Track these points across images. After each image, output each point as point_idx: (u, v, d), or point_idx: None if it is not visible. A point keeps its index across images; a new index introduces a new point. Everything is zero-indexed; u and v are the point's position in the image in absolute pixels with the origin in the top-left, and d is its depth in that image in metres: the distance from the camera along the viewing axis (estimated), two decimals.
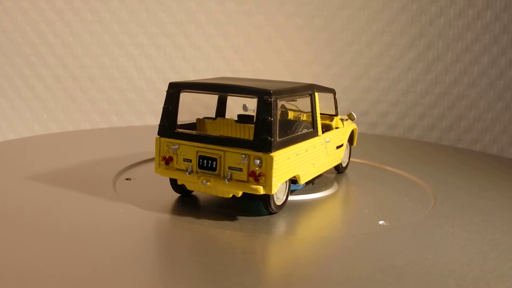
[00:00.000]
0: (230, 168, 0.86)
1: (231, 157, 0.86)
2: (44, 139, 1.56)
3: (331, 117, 1.16)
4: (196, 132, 0.92)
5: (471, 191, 1.12)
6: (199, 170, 0.89)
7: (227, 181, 0.85)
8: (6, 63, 1.92)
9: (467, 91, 1.89)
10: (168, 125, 0.92)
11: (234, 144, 0.85)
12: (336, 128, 1.13)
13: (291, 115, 1.14)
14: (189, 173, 0.89)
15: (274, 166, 0.83)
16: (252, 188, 0.84)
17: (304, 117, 1.15)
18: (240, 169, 0.85)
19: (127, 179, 1.11)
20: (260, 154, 0.83)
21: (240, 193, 0.86)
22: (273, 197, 0.88)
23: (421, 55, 1.90)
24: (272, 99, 0.83)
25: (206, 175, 0.88)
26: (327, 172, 1.16)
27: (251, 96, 0.86)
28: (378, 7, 1.89)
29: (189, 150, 0.90)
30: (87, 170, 1.16)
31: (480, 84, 1.88)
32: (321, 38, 1.91)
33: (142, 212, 0.89)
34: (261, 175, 0.83)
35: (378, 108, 1.94)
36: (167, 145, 0.92)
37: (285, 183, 0.92)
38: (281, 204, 0.91)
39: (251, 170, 0.84)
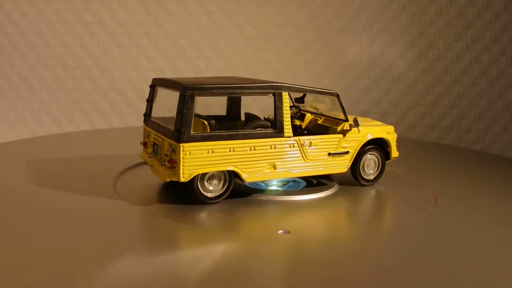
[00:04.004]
0: (166, 155, 0.94)
1: (165, 144, 0.95)
2: (44, 141, 1.57)
3: (342, 122, 1.08)
4: (156, 122, 1.02)
5: (472, 191, 1.11)
6: (152, 154, 1.01)
7: (160, 165, 0.94)
8: (7, 65, 1.93)
9: (468, 91, 1.89)
10: (148, 114, 1.07)
11: (166, 134, 0.94)
12: (339, 133, 1.06)
13: (308, 117, 1.14)
14: (149, 157, 1.01)
15: (183, 156, 0.89)
16: (170, 174, 0.91)
17: (321, 120, 1.13)
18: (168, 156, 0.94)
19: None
20: (174, 143, 0.91)
21: (167, 178, 0.92)
22: (196, 187, 0.93)
23: (421, 54, 1.90)
24: (186, 94, 0.90)
25: (153, 159, 0.99)
26: (336, 175, 1.13)
27: (175, 90, 0.93)
28: (378, 6, 1.89)
29: (152, 137, 1.02)
30: (88, 170, 1.16)
31: (481, 84, 1.88)
32: (321, 38, 1.91)
33: (138, 209, 0.90)
34: (175, 163, 0.90)
35: (378, 108, 1.94)
36: (145, 132, 1.06)
37: (221, 178, 0.95)
38: (214, 197, 0.95)
39: (171, 157, 0.92)
